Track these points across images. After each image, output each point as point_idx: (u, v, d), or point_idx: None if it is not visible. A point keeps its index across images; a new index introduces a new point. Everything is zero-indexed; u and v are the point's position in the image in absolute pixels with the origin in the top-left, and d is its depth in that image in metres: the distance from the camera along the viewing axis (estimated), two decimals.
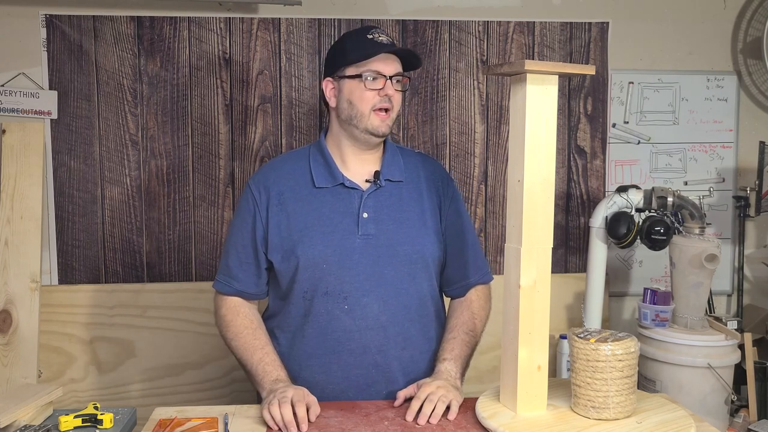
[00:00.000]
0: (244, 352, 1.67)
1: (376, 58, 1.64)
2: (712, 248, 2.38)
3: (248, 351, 1.66)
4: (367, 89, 1.64)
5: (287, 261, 1.66)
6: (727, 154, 2.95)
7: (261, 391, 1.60)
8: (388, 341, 1.66)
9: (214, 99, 2.69)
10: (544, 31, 2.80)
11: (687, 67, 2.90)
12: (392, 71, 1.65)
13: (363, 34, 1.67)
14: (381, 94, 1.64)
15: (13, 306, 2.54)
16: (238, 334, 1.69)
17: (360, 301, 1.64)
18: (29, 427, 1.40)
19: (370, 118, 1.64)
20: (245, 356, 1.66)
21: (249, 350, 1.66)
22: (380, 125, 1.65)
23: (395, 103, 1.67)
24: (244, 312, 1.73)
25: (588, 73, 1.51)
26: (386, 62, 1.65)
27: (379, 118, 1.65)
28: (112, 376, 2.68)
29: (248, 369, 1.66)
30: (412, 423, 1.46)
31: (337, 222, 1.66)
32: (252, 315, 1.74)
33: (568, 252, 2.88)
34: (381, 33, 1.67)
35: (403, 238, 1.68)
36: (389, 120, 1.66)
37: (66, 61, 2.62)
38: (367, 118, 1.64)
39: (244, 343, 1.67)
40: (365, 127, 1.65)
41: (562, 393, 1.54)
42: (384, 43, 1.65)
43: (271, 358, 1.64)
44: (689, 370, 2.35)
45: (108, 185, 2.67)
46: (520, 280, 1.43)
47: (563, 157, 2.85)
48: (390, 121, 1.67)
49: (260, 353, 1.65)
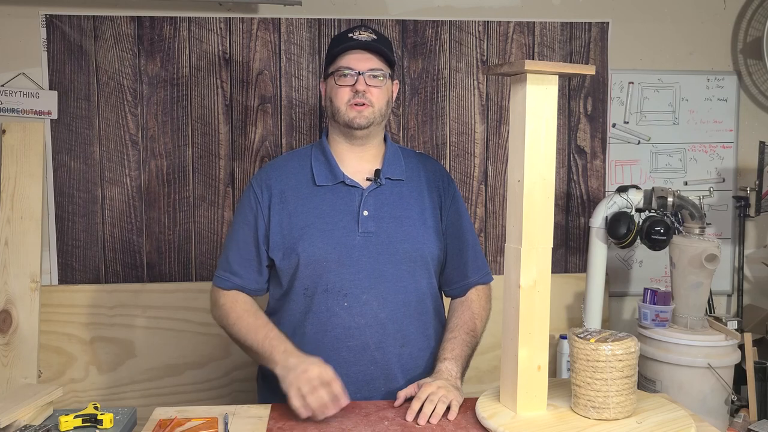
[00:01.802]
0: (248, 333, 1.65)
1: (348, 54, 1.67)
2: (712, 248, 2.38)
3: (252, 331, 1.65)
4: (339, 86, 1.68)
5: (288, 258, 1.67)
6: (727, 154, 2.95)
7: (273, 367, 1.57)
8: (387, 338, 1.67)
9: (214, 99, 2.69)
10: (544, 31, 2.80)
11: (687, 67, 2.90)
12: (365, 67, 1.67)
13: (346, 33, 1.71)
14: (353, 90, 1.67)
15: (13, 306, 2.54)
16: (240, 318, 1.69)
17: (359, 298, 1.65)
18: (29, 427, 1.40)
19: (347, 111, 1.68)
20: (250, 336, 1.65)
21: (253, 330, 1.65)
22: (356, 116, 1.67)
23: (374, 99, 1.68)
24: (243, 299, 1.73)
25: (588, 73, 1.51)
26: (359, 59, 1.68)
27: (354, 110, 1.67)
28: (112, 376, 2.68)
29: (255, 348, 1.64)
30: (412, 423, 1.46)
31: (338, 220, 1.67)
32: (251, 302, 1.74)
33: (568, 252, 2.88)
34: (364, 30, 1.70)
35: (403, 236, 1.68)
36: (367, 112, 1.68)
37: (66, 61, 2.62)
38: (344, 112, 1.68)
39: (246, 325, 1.67)
40: (344, 121, 1.69)
41: (562, 393, 1.54)
42: (361, 40, 1.67)
43: (275, 333, 1.63)
44: (689, 370, 2.35)
45: (108, 185, 2.67)
46: (520, 281, 1.43)
47: (563, 157, 2.85)
48: (369, 113, 1.68)
49: (264, 330, 1.64)
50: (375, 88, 1.69)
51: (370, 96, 1.68)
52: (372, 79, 1.68)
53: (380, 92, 1.70)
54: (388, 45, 1.75)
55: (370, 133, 1.72)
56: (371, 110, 1.68)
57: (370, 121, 1.69)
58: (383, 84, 1.70)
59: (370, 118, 1.68)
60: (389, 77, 1.74)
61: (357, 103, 1.67)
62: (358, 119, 1.68)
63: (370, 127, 1.70)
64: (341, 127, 1.71)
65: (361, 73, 1.67)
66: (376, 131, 1.74)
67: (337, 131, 1.74)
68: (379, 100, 1.69)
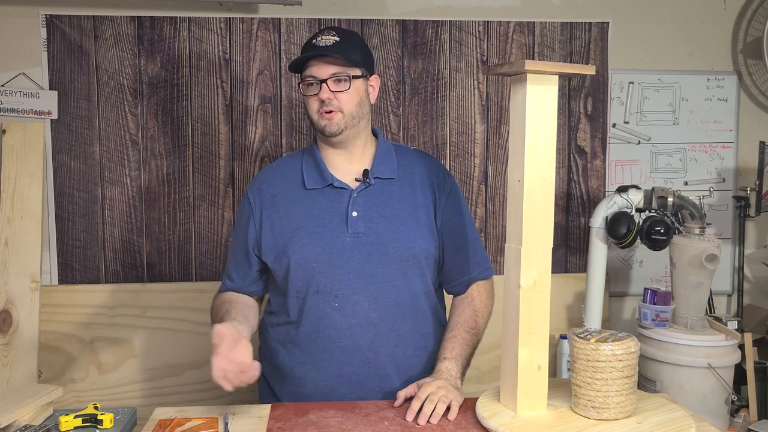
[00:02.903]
0: (214, 318, 1.68)
1: (311, 62, 1.65)
2: (712, 248, 2.38)
3: (217, 316, 1.66)
4: (308, 95, 1.68)
5: (280, 261, 1.68)
6: (727, 154, 2.95)
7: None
8: (380, 339, 1.66)
9: (214, 99, 2.69)
10: (544, 31, 2.80)
11: (687, 67, 2.90)
12: (326, 74, 1.64)
13: (310, 40, 1.69)
14: (319, 99, 1.65)
15: (13, 306, 2.54)
16: (215, 307, 1.72)
17: (350, 299, 1.65)
18: (29, 427, 1.40)
19: (319, 119, 1.67)
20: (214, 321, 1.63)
21: (218, 316, 1.65)
22: (327, 124, 1.66)
23: (342, 104, 1.65)
24: (229, 296, 1.76)
25: (588, 73, 1.51)
26: (319, 66, 1.65)
27: (325, 119, 1.66)
28: (112, 376, 2.68)
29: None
30: (412, 423, 1.46)
31: (327, 222, 1.67)
32: (236, 297, 1.75)
33: (568, 252, 2.88)
34: (327, 34, 1.67)
35: (393, 235, 1.68)
36: (337, 118, 1.65)
37: (66, 61, 2.62)
38: (316, 120, 1.68)
39: (216, 312, 1.69)
40: (318, 128, 1.69)
41: (562, 393, 1.54)
42: (320, 46, 1.64)
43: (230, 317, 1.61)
44: (689, 370, 2.35)
45: (108, 185, 2.67)
46: (521, 281, 1.43)
47: (563, 157, 2.85)
48: (339, 119, 1.66)
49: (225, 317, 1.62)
50: (341, 93, 1.65)
51: (336, 102, 1.65)
52: (336, 84, 1.65)
53: (348, 96, 1.66)
54: (351, 45, 1.69)
55: (347, 137, 1.70)
56: (340, 116, 1.66)
57: (341, 127, 1.67)
58: (348, 87, 1.66)
59: (341, 124, 1.66)
60: (361, 77, 1.69)
61: (326, 111, 1.65)
62: (329, 127, 1.66)
63: (344, 132, 1.68)
64: (319, 134, 1.72)
65: (324, 81, 1.64)
66: (354, 133, 1.71)
67: (320, 136, 1.75)
68: (348, 104, 1.66)
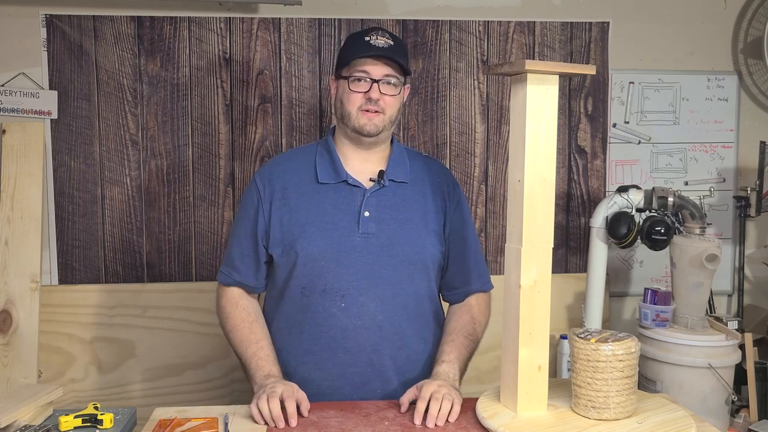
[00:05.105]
0: (239, 345, 1.69)
1: (365, 60, 1.65)
2: (713, 248, 2.38)
3: (243, 344, 1.68)
4: (353, 91, 1.66)
5: (287, 255, 1.67)
6: (727, 154, 2.95)
7: (253, 386, 1.61)
8: (384, 341, 1.66)
9: (214, 99, 2.69)
10: (544, 31, 2.80)
11: (687, 67, 2.90)
12: (380, 74, 1.65)
13: (363, 35, 1.69)
14: (366, 97, 1.65)
15: (13, 306, 2.54)
16: (235, 327, 1.71)
17: (357, 299, 1.64)
18: (29, 427, 1.40)
19: (357, 116, 1.66)
20: (240, 349, 1.68)
21: (244, 343, 1.67)
22: (366, 123, 1.66)
23: (387, 106, 1.66)
24: (243, 304, 1.74)
25: (588, 73, 1.51)
26: (375, 65, 1.65)
27: (365, 117, 1.66)
28: (112, 376, 2.68)
29: (243, 361, 1.68)
30: (413, 423, 1.45)
31: (338, 219, 1.66)
32: (251, 308, 1.74)
33: (568, 252, 2.88)
34: (381, 35, 1.67)
35: (403, 238, 1.68)
36: (378, 120, 1.66)
37: (66, 61, 2.62)
38: (355, 117, 1.66)
39: (240, 336, 1.69)
40: (353, 126, 1.67)
41: (562, 393, 1.54)
42: (378, 46, 1.65)
43: (264, 353, 1.65)
44: (690, 370, 2.35)
45: (108, 185, 2.67)
46: (521, 281, 1.43)
47: (563, 157, 2.85)
48: (379, 121, 1.66)
49: (254, 347, 1.66)
50: (389, 96, 1.67)
51: (383, 104, 1.66)
52: (387, 87, 1.66)
53: (393, 100, 1.68)
54: (403, 51, 1.72)
55: (379, 139, 1.71)
56: (382, 118, 1.67)
57: (380, 128, 1.67)
58: (397, 92, 1.69)
59: (380, 125, 1.67)
60: (404, 84, 1.72)
61: (369, 110, 1.65)
62: (368, 126, 1.66)
63: (379, 135, 1.69)
64: (350, 131, 1.69)
65: (377, 81, 1.65)
66: (386, 136, 1.73)
67: (344, 133, 1.72)
68: (391, 108, 1.68)
